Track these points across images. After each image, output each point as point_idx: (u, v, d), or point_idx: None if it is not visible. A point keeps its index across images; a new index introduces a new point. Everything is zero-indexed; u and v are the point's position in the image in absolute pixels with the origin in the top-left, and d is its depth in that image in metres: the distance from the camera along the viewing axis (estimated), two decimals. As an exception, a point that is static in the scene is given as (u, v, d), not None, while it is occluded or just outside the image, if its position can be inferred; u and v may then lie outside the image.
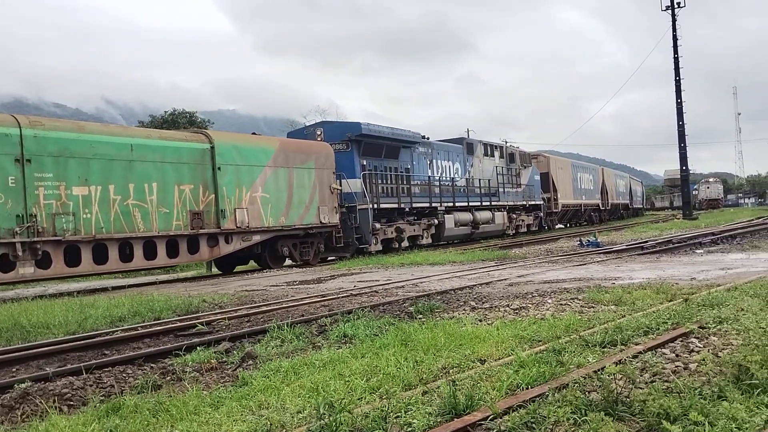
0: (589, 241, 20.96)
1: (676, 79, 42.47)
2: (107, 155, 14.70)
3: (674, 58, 42.63)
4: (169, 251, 15.98)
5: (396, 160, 24.26)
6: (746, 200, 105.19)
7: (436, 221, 25.58)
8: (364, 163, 22.41)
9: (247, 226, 17.59)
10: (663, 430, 3.30)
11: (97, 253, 14.53)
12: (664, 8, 43.22)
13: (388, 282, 12.43)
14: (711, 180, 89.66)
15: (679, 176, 50.10)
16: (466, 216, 27.56)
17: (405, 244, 23.85)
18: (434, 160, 26.64)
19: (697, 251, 16.11)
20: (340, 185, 21.22)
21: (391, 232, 23.09)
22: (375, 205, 22.02)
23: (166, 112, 45.97)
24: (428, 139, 26.97)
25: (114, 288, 15.59)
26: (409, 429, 3.71)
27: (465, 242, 28.16)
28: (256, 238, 18.12)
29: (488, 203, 29.56)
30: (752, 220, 32.98)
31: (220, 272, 19.52)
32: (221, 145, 17.32)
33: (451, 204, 26.57)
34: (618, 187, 55.27)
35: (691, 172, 51.86)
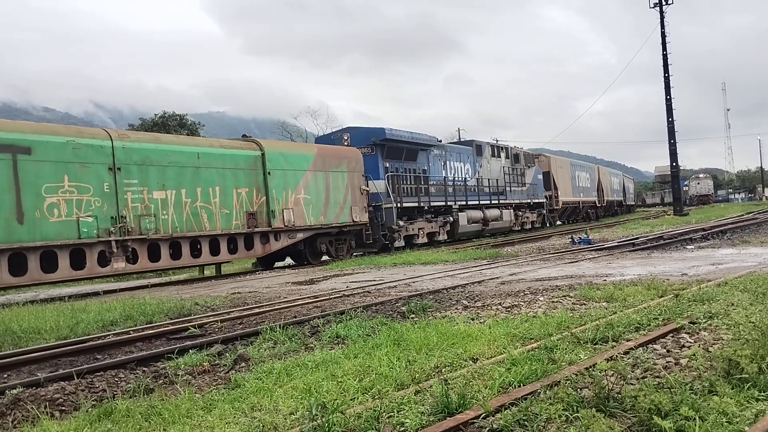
0: (580, 238, 21.05)
1: (665, 76, 42.60)
2: (179, 163, 16.41)
3: (663, 54, 42.77)
4: (228, 248, 17.74)
5: (414, 162, 25.71)
6: (736, 196, 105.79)
7: (451, 219, 27.01)
8: (387, 165, 23.79)
9: (293, 225, 19.34)
10: (654, 425, 3.32)
11: (172, 249, 16.36)
12: (652, 5, 43.39)
13: (381, 282, 12.43)
14: (701, 176, 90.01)
15: (669, 172, 50.34)
16: (478, 214, 29.03)
17: (424, 240, 25.38)
18: (447, 162, 28.11)
19: (688, 247, 16.19)
20: (367, 186, 22.57)
21: (413, 229, 24.71)
22: (398, 204, 23.50)
23: (156, 114, 45.83)
24: (441, 142, 28.61)
25: (105, 292, 15.55)
26: (402, 429, 3.72)
27: (476, 238, 29.33)
28: (300, 235, 19.84)
29: (497, 201, 31.07)
30: (742, 215, 33.15)
31: (262, 268, 21.09)
32: (270, 152, 18.96)
33: (463, 202, 28.08)
34: (612, 184, 56.41)
35: (681, 168, 52.15)
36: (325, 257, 21.40)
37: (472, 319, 7.24)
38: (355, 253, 22.75)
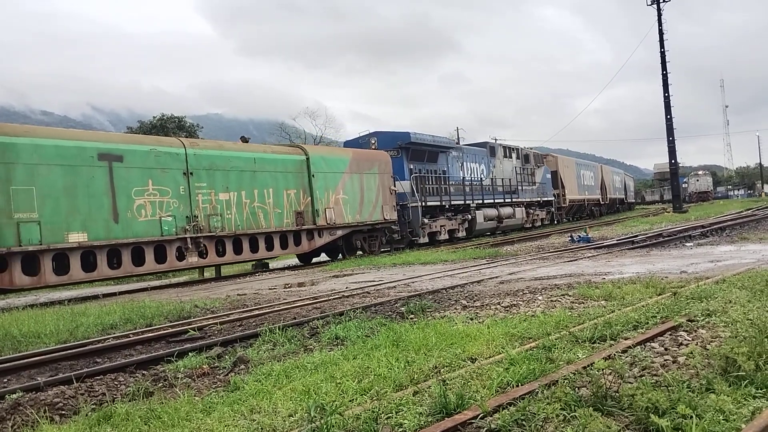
0: (580, 236, 21.04)
1: (663, 74, 42.62)
2: (239, 167, 18.25)
3: (660, 52, 42.79)
4: (279, 244, 19.54)
5: (435, 164, 27.39)
6: (736, 192, 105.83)
7: (469, 217, 28.81)
8: (411, 167, 25.54)
9: (334, 223, 21.22)
10: (651, 423, 3.32)
11: (234, 246, 18.12)
12: (649, 2, 43.40)
13: (380, 282, 12.44)
14: (700, 173, 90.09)
15: (668, 170, 50.46)
16: (493, 212, 30.84)
17: (445, 237, 27.10)
18: (464, 163, 29.72)
19: (687, 244, 16.20)
20: (395, 186, 24.12)
21: (436, 227, 26.44)
22: (423, 203, 25.16)
23: (154, 117, 45.85)
24: (458, 144, 30.53)
25: (105, 295, 15.56)
26: (401, 429, 3.72)
27: (491, 235, 30.96)
28: (339, 232, 21.69)
29: (510, 200, 32.70)
30: (741, 212, 33.18)
31: (302, 263, 22.66)
32: (314, 157, 20.90)
33: (480, 201, 29.83)
34: (614, 182, 57.92)
35: (680, 165, 52.26)
36: (359, 252, 22.97)
37: (471, 319, 7.25)
38: (383, 249, 24.04)
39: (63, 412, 5.28)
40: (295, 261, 23.80)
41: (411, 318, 7.75)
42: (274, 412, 4.33)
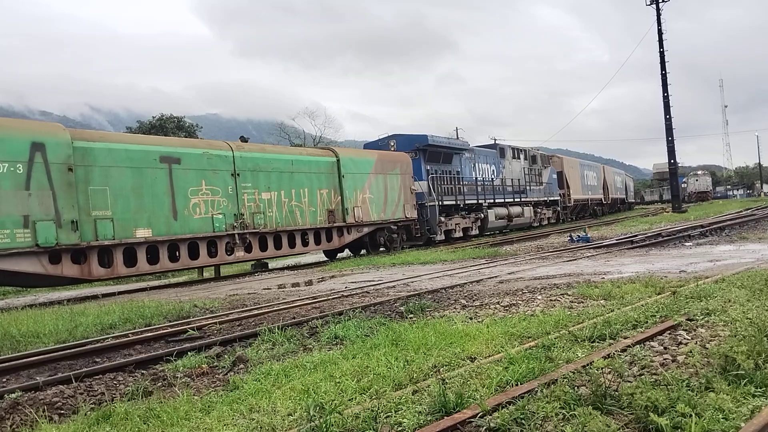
0: (579, 236, 21.04)
1: (662, 73, 42.58)
2: (279, 168, 19.56)
3: (660, 52, 42.76)
4: (314, 240, 20.78)
5: (450, 165, 28.51)
6: (735, 192, 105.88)
7: (481, 215, 30.01)
8: (428, 168, 26.62)
9: (361, 220, 22.45)
10: (650, 422, 3.32)
11: (275, 241, 19.36)
12: (648, 2, 43.38)
13: (380, 282, 12.43)
14: (699, 173, 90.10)
15: (667, 170, 50.52)
16: (503, 210, 31.95)
17: (459, 234, 28.37)
18: (476, 164, 30.80)
19: (686, 244, 16.20)
20: (414, 187, 25.12)
21: (451, 225, 27.66)
22: (440, 202, 26.34)
23: (153, 117, 45.82)
24: (470, 145, 31.52)
25: (104, 295, 15.54)
26: (400, 428, 3.72)
27: (500, 233, 32.09)
28: (366, 230, 22.95)
29: (519, 199, 33.68)
30: (741, 211, 33.19)
31: (327, 259, 23.91)
32: (343, 158, 22.16)
33: (491, 200, 30.98)
34: (616, 183, 59.00)
35: (679, 165, 52.31)
36: (381, 249, 23.99)
37: (471, 319, 7.25)
38: (403, 246, 24.89)
39: (62, 411, 5.27)
40: (301, 259, 23.75)
41: (410, 317, 7.74)
42: (273, 412, 4.32)
